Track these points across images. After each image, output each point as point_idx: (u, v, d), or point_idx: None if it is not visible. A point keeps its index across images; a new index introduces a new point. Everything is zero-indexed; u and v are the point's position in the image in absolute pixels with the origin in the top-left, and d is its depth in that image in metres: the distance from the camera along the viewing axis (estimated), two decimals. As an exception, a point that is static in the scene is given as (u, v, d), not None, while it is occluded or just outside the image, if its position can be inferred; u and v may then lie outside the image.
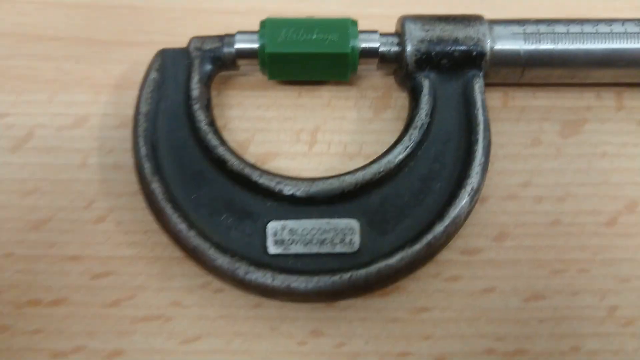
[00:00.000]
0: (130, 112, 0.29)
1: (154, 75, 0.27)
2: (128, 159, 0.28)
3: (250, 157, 0.28)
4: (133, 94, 0.28)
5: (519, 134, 0.29)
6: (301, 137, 0.29)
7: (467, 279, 0.27)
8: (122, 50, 0.30)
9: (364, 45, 0.27)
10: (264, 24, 0.27)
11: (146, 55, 0.29)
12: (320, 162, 0.28)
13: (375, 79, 0.30)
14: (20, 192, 0.28)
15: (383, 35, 0.27)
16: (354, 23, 0.27)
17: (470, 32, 0.26)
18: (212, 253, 0.24)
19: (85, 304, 0.27)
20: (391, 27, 0.29)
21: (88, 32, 0.31)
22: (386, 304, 0.26)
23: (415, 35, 0.26)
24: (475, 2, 0.31)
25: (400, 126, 0.28)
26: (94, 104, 0.29)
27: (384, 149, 0.28)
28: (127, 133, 0.28)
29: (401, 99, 0.29)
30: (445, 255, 0.26)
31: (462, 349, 0.26)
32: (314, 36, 0.26)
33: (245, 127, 0.29)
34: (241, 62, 0.27)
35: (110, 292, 0.27)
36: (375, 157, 0.28)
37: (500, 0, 0.31)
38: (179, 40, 0.29)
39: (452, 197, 0.25)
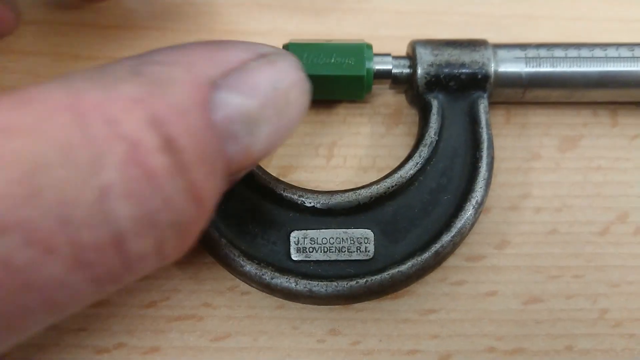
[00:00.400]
0: None
1: None
2: None
3: (272, 170, 0.30)
4: None
5: (520, 148, 0.30)
6: (319, 152, 0.31)
7: (471, 283, 0.29)
8: None
9: (378, 67, 0.29)
10: (286, 47, 0.29)
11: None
12: (337, 174, 0.30)
13: (387, 97, 0.31)
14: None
15: (395, 58, 0.29)
16: (369, 47, 0.28)
17: (476, 56, 0.28)
18: (240, 260, 0.26)
19: (125, 304, 0.28)
20: (400, 47, 0.30)
21: (121, 53, 0.32)
22: (397, 306, 0.28)
23: (426, 60, 0.28)
24: (478, 24, 0.33)
25: (410, 141, 0.30)
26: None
27: (396, 162, 0.30)
28: None
29: (411, 115, 0.31)
30: (451, 261, 0.28)
31: (466, 347, 0.28)
32: (333, 60, 0.28)
33: (267, 142, 0.31)
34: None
35: (147, 294, 0.29)
36: (387, 169, 0.30)
37: (503, 21, 0.33)
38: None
39: (458, 209, 0.27)
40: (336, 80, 0.28)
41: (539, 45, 0.29)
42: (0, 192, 0.14)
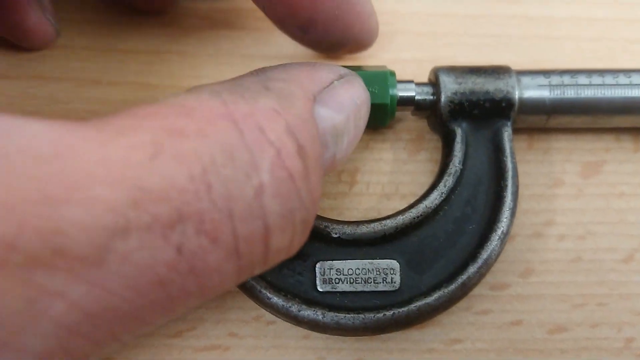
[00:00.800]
0: None
1: None
2: None
3: None
4: None
5: (542, 174, 0.30)
6: (342, 178, 0.30)
7: (496, 313, 0.28)
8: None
9: (401, 94, 0.28)
10: None
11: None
12: (360, 201, 0.30)
13: (409, 123, 0.31)
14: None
15: (418, 85, 0.29)
16: (392, 74, 0.28)
17: (500, 84, 0.28)
18: (267, 292, 0.26)
19: (151, 335, 0.28)
20: (420, 69, 0.30)
21: (141, 77, 0.32)
22: (423, 335, 0.28)
23: (449, 88, 0.28)
24: (497, 45, 0.32)
25: (433, 167, 0.30)
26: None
27: (419, 189, 0.30)
28: None
29: (433, 141, 0.31)
30: (476, 290, 0.28)
31: None
32: None
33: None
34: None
35: (174, 323, 0.28)
36: (410, 196, 0.29)
37: (522, 42, 0.32)
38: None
39: (483, 239, 0.27)
40: None
41: (562, 72, 0.28)
42: (181, 186, 0.16)
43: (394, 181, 0.30)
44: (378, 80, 0.27)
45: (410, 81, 0.29)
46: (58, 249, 0.14)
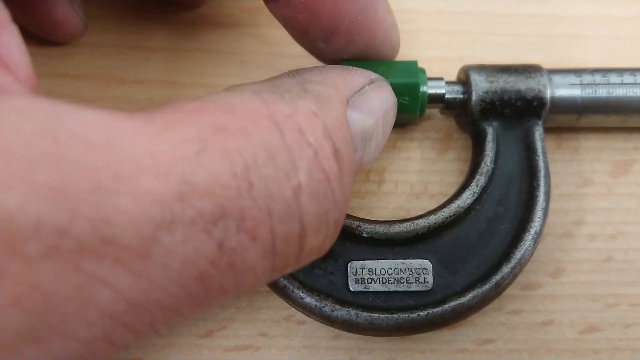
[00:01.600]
0: None
1: None
2: None
3: None
4: None
5: (571, 174, 0.29)
6: (370, 177, 0.30)
7: (527, 313, 0.28)
8: (201, 92, 0.31)
9: (431, 91, 0.28)
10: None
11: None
12: (389, 200, 0.29)
13: (436, 122, 0.30)
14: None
15: (448, 83, 0.28)
16: (423, 71, 0.27)
17: (532, 83, 0.27)
18: (300, 292, 0.25)
19: (181, 334, 0.28)
20: (446, 67, 0.29)
21: (166, 75, 0.31)
22: (454, 335, 0.28)
23: (481, 87, 0.27)
24: (524, 44, 0.32)
25: (461, 166, 0.29)
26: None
27: (448, 188, 0.29)
28: None
29: (461, 140, 0.30)
30: (507, 290, 0.27)
31: None
32: None
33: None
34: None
35: (204, 323, 0.28)
36: (439, 195, 0.29)
37: (549, 42, 0.32)
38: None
39: (516, 239, 0.26)
40: None
41: (593, 71, 0.28)
42: (224, 183, 0.16)
43: (423, 180, 0.30)
44: (409, 92, 0.27)
45: (440, 78, 0.28)
46: (107, 238, 0.14)
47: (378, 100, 0.23)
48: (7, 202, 0.13)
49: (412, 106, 0.27)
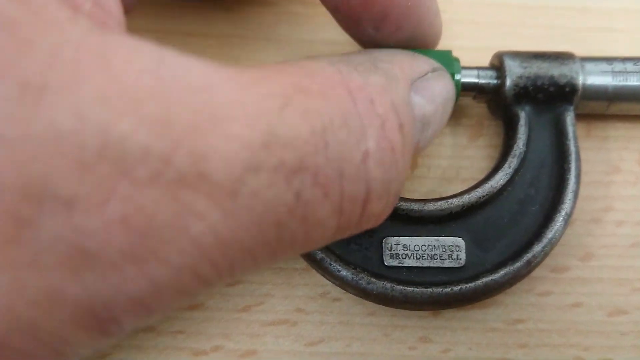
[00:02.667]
0: None
1: None
2: None
3: None
4: None
5: (600, 162, 0.29)
6: (403, 161, 0.29)
7: (557, 294, 0.28)
8: None
9: (465, 79, 0.27)
10: None
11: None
12: (421, 184, 0.29)
13: (468, 109, 0.30)
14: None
15: (482, 69, 0.28)
16: (457, 59, 0.27)
17: (565, 69, 0.27)
18: (337, 265, 0.25)
19: (220, 309, 0.28)
20: (476, 58, 0.29)
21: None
22: (485, 315, 0.28)
23: (515, 72, 0.27)
24: (553, 36, 0.31)
25: (492, 153, 0.29)
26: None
27: (479, 174, 0.29)
28: None
29: (492, 127, 0.30)
30: (537, 272, 0.27)
31: (554, 357, 0.27)
32: None
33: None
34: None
35: (241, 299, 0.28)
36: (471, 181, 0.29)
37: (579, 34, 0.32)
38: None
39: (547, 219, 0.26)
40: None
41: (624, 59, 0.28)
42: (304, 138, 0.16)
43: (454, 165, 0.29)
44: (442, 61, 0.26)
45: (473, 67, 0.28)
46: (202, 173, 0.15)
47: (439, 88, 0.23)
48: (120, 128, 0.14)
49: None
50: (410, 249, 0.26)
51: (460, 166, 0.29)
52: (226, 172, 0.15)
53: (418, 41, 0.26)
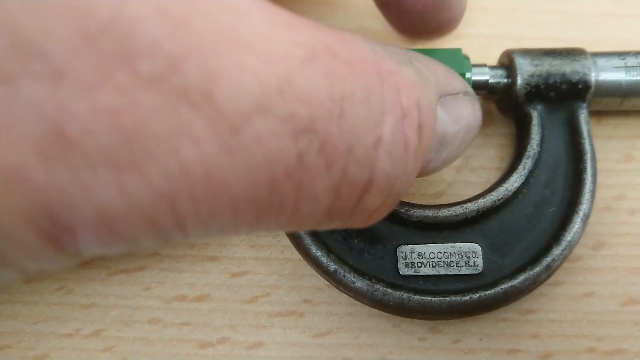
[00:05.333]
0: None
1: None
2: None
3: None
4: None
5: (611, 150, 0.26)
6: (412, 150, 0.25)
7: (569, 284, 0.25)
8: None
9: (475, 78, 0.24)
10: None
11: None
12: None
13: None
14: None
15: (492, 68, 0.25)
16: (467, 57, 0.24)
17: (577, 66, 0.24)
18: (351, 276, 0.22)
19: (226, 300, 0.25)
20: (487, 45, 0.25)
21: None
22: (497, 306, 0.24)
23: (526, 70, 0.24)
24: (564, 22, 0.28)
25: (501, 140, 0.26)
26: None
27: (488, 162, 0.26)
28: None
29: (501, 115, 0.26)
30: (549, 262, 0.23)
31: (566, 348, 0.24)
32: None
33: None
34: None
35: (248, 289, 0.25)
36: (480, 169, 0.26)
37: (589, 20, 0.28)
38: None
39: (565, 221, 0.23)
40: None
41: (637, 53, 0.25)
42: (320, 99, 0.14)
43: (464, 154, 0.25)
44: (452, 59, 0.23)
45: (484, 65, 0.25)
46: (209, 94, 0.12)
47: (467, 112, 0.20)
48: (135, 10, 0.12)
49: None
50: (426, 257, 0.23)
51: (470, 155, 0.26)
52: (234, 102, 0.13)
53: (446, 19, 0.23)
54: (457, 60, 0.23)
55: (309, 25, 0.15)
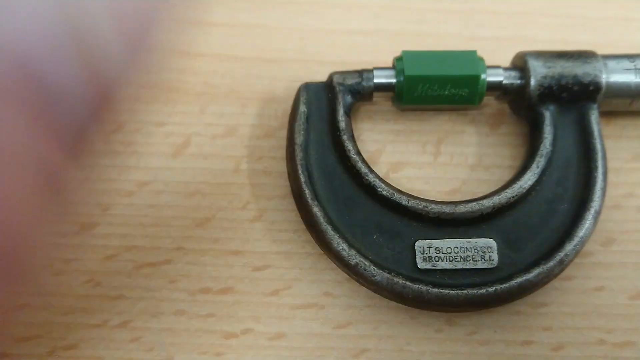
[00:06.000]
0: (273, 123, 0.27)
1: (302, 108, 0.25)
2: (276, 166, 0.26)
3: (383, 166, 0.26)
4: (275, 107, 0.26)
5: (620, 149, 0.27)
6: (426, 149, 0.26)
7: (580, 279, 0.25)
8: (261, 66, 0.28)
9: (489, 79, 0.25)
10: (400, 58, 0.25)
11: (283, 72, 0.26)
12: (445, 171, 0.27)
13: (490, 98, 0.27)
14: (184, 194, 0.26)
15: (506, 69, 0.25)
16: (482, 59, 0.25)
17: (588, 68, 0.24)
18: (371, 269, 0.23)
19: (249, 292, 0.25)
20: (498, 47, 0.26)
21: (228, 49, 0.28)
22: (511, 299, 0.25)
23: (539, 72, 0.24)
24: (574, 25, 0.28)
25: (513, 140, 0.26)
26: (242, 115, 0.27)
27: (501, 160, 0.26)
28: (274, 142, 0.26)
29: (514, 115, 0.27)
30: (561, 258, 0.24)
31: (577, 339, 0.25)
32: (447, 92, 0.24)
33: (376, 138, 0.26)
34: (377, 95, 0.25)
35: (270, 283, 0.25)
36: (493, 167, 0.26)
37: (599, 23, 0.28)
38: (309, 59, 0.27)
39: (577, 218, 0.24)
40: (450, 105, 0.25)
41: None
42: None
43: (477, 153, 0.26)
44: (469, 85, 0.24)
45: (498, 66, 0.25)
46: None
47: None
48: None
49: (471, 97, 0.24)
50: (443, 252, 0.23)
51: (483, 153, 0.26)
52: None
53: None
54: (472, 62, 0.24)
55: None
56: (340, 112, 0.24)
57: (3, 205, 0.11)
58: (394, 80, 0.25)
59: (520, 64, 0.25)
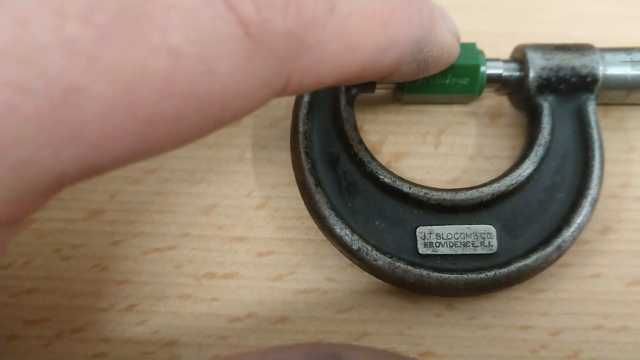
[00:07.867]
0: (277, 114, 0.26)
1: (307, 97, 0.24)
2: (280, 155, 0.26)
3: (385, 156, 0.26)
4: (278, 99, 0.25)
5: (617, 141, 0.26)
6: (427, 139, 0.26)
7: (577, 266, 0.25)
8: None
9: (489, 71, 0.25)
10: None
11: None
12: (446, 161, 0.26)
13: (488, 90, 0.26)
14: (190, 182, 0.25)
15: (505, 62, 0.25)
16: (482, 52, 0.25)
17: (586, 60, 0.24)
18: (373, 254, 0.23)
19: (253, 277, 0.25)
20: (498, 42, 0.25)
21: None
22: (509, 285, 0.24)
23: (538, 64, 0.24)
24: (572, 21, 0.28)
25: (513, 131, 0.26)
26: (247, 106, 0.26)
27: (501, 152, 0.26)
28: (277, 132, 0.26)
29: (513, 108, 0.26)
30: (558, 245, 0.24)
31: (574, 325, 0.25)
32: (448, 81, 0.24)
33: (378, 129, 0.26)
34: (379, 86, 0.25)
35: (274, 268, 0.25)
36: (493, 158, 0.26)
37: (597, 19, 0.28)
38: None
39: (574, 205, 0.23)
40: (450, 95, 0.25)
41: None
42: None
43: (477, 143, 0.26)
44: (469, 74, 0.24)
45: (497, 59, 0.25)
46: None
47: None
48: None
49: (471, 87, 0.24)
50: (443, 237, 0.23)
51: (483, 144, 0.26)
52: None
53: None
54: (472, 54, 0.24)
55: None
56: (343, 102, 0.24)
57: None
58: None
59: (519, 57, 0.25)
